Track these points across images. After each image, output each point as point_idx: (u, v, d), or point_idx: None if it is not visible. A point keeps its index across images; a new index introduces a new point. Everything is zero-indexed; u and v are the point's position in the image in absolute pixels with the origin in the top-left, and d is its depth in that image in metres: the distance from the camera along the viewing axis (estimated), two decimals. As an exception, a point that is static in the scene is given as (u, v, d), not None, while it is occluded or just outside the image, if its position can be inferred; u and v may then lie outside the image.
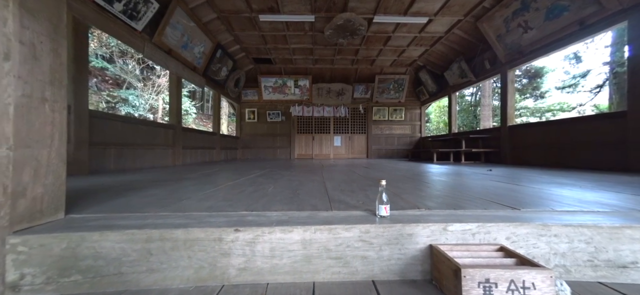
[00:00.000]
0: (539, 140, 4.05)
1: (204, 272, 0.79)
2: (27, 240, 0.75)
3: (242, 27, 5.17)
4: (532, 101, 13.57)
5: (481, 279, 0.65)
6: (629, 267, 0.79)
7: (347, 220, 0.89)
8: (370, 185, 1.74)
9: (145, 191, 1.53)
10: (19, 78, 0.77)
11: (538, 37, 3.83)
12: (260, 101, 8.06)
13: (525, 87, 13.76)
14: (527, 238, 0.83)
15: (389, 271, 0.82)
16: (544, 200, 1.25)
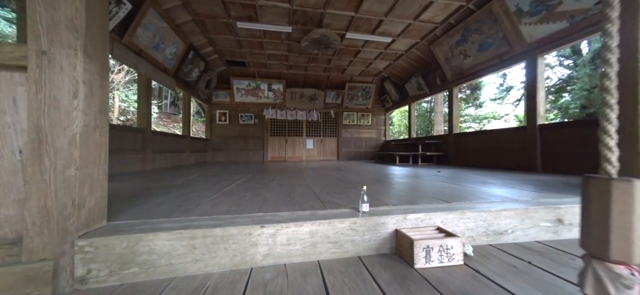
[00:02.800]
0: (476, 145, 5.03)
1: (237, 258, 1.06)
2: (93, 242, 0.93)
3: (217, 31, 5.17)
4: (473, 109, 15.99)
5: (424, 246, 1.07)
6: (503, 234, 1.31)
7: (340, 215, 1.25)
8: (349, 188, 2.14)
9: (150, 199, 1.66)
10: (82, 111, 0.94)
11: (474, 63, 4.78)
12: (232, 103, 7.96)
13: (469, 97, 16.10)
14: (452, 221, 1.30)
15: (369, 249, 1.20)
16: (469, 194, 1.80)
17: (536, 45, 3.59)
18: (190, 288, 0.91)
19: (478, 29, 4.29)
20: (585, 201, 0.57)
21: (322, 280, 0.96)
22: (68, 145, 0.91)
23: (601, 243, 0.54)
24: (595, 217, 0.55)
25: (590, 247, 0.56)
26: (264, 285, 0.92)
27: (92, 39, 0.98)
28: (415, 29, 5.02)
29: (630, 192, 0.51)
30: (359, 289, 0.90)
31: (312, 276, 0.99)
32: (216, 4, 4.20)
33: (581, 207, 0.58)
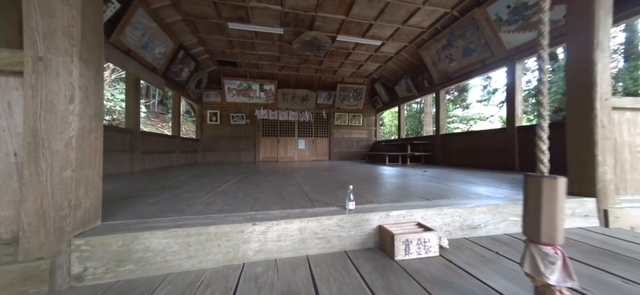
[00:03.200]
0: (461, 146, 5.25)
1: (230, 254, 1.12)
2: (89, 240, 0.97)
3: (208, 31, 5.15)
4: (461, 110, 16.53)
5: (404, 240, 1.17)
6: (477, 228, 1.44)
7: (327, 213, 1.33)
8: (338, 188, 2.23)
9: (146, 199, 1.68)
10: (78, 115, 0.97)
11: (459, 67, 4.99)
12: (224, 103, 7.91)
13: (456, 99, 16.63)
14: (431, 216, 1.41)
15: (355, 243, 1.29)
16: (449, 192, 1.93)
17: (514, 52, 3.81)
18: (185, 282, 0.97)
19: (462, 35, 4.50)
20: (525, 195, 0.68)
21: (309, 273, 1.04)
22: (64, 148, 0.95)
23: (535, 229, 0.65)
24: (531, 208, 0.65)
25: (528, 233, 0.67)
26: (256, 278, 0.99)
27: (87, 46, 1.02)
28: (404, 33, 5.19)
29: (555, 187, 0.62)
30: (343, 279, 0.98)
31: (300, 269, 1.07)
32: (207, 4, 4.19)
33: (523, 201, 0.69)
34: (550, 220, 0.63)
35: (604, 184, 1.54)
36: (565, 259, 0.65)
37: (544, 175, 0.67)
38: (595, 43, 1.55)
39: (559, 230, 0.64)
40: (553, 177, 0.64)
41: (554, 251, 0.65)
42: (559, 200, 0.63)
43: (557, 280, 0.64)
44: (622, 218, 1.52)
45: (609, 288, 0.88)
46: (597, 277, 0.97)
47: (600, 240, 1.34)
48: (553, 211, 0.63)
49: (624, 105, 1.62)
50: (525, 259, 0.69)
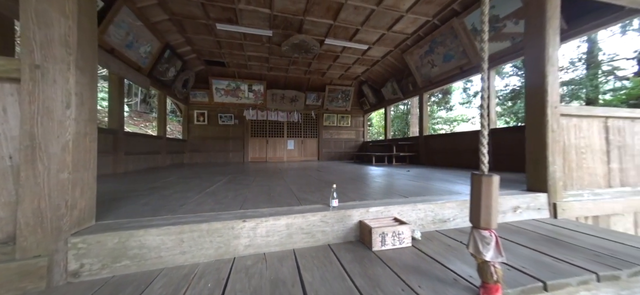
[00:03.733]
0: (443, 147, 5.54)
1: (222, 249, 1.21)
2: (86, 239, 1.03)
3: (196, 31, 5.11)
4: (444, 112, 17.24)
5: (380, 233, 1.31)
6: (447, 221, 1.61)
7: (313, 210, 1.45)
8: (324, 187, 2.35)
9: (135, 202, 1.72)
10: (74, 120, 1.03)
11: (440, 72, 5.28)
12: (211, 103, 7.82)
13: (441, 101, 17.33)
14: (407, 212, 1.56)
15: (338, 238, 1.42)
16: (427, 190, 2.11)
17: (489, 59, 4.11)
18: (180, 275, 1.05)
19: (442, 42, 4.77)
20: (471, 190, 0.83)
21: (295, 264, 1.15)
22: (61, 151, 1.00)
23: (477, 216, 0.80)
24: (475, 200, 0.81)
25: (472, 220, 0.82)
26: (246, 270, 1.09)
27: (83, 54, 1.07)
28: (389, 38, 5.41)
29: (491, 182, 0.78)
30: (325, 268, 1.10)
31: (287, 261, 1.18)
32: (195, 5, 4.18)
33: (470, 194, 0.84)
34: (487, 209, 0.79)
35: (554, 181, 1.77)
36: (497, 240, 0.80)
37: (484, 173, 0.83)
38: (546, 58, 1.77)
39: (493, 217, 0.79)
40: (490, 175, 0.80)
41: (489, 234, 0.81)
42: (493, 193, 0.78)
43: (491, 257, 0.80)
44: (568, 210, 1.76)
45: (542, 266, 1.06)
46: (536, 258, 1.15)
47: (548, 230, 1.55)
48: (489, 202, 0.79)
49: (570, 112, 1.86)
50: (470, 241, 0.84)
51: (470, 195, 0.84)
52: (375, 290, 0.92)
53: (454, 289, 0.92)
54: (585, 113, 1.93)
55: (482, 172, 0.83)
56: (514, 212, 1.73)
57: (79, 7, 1.03)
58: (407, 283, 0.96)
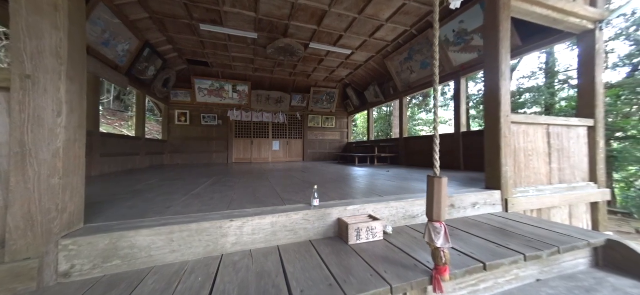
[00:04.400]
0: (421, 148, 5.90)
1: (210, 247, 1.30)
2: (77, 241, 1.07)
3: (178, 31, 5.01)
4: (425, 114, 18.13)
5: (356, 228, 1.47)
6: (416, 217, 1.81)
7: (296, 209, 1.57)
8: (307, 188, 2.49)
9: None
10: (65, 127, 1.07)
11: (418, 78, 5.62)
12: (194, 103, 7.65)
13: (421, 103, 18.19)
14: (380, 209, 1.74)
15: (318, 234, 1.55)
16: (400, 189, 2.31)
17: (460, 69, 4.49)
18: (170, 272, 1.13)
19: (420, 51, 5.10)
20: (427, 189, 1.01)
21: (279, 258, 1.27)
22: (52, 157, 1.04)
23: (430, 211, 0.98)
24: (429, 197, 0.99)
25: (428, 215, 1.00)
26: (234, 265, 1.19)
27: (73, 63, 1.11)
28: (371, 44, 5.66)
29: (441, 183, 0.96)
30: (306, 261, 1.24)
31: (272, 256, 1.30)
32: (177, 5, 4.13)
33: (427, 193, 1.02)
34: (438, 205, 0.97)
35: (506, 180, 2.04)
36: (446, 230, 0.99)
37: (436, 175, 1.01)
38: (500, 73, 2.05)
39: (443, 211, 0.97)
40: (440, 177, 0.98)
41: (440, 225, 0.99)
42: (443, 192, 0.96)
43: (441, 244, 0.98)
44: (517, 205, 2.04)
45: (486, 251, 1.28)
46: (484, 245, 1.37)
47: (499, 222, 1.81)
48: (439, 199, 0.97)
49: (519, 120, 2.16)
50: (426, 232, 1.02)
51: (427, 194, 1.02)
52: (348, 276, 1.07)
53: (413, 272, 1.10)
54: (532, 121, 2.24)
55: (435, 174, 1.01)
56: (473, 207, 1.98)
57: (70, 19, 1.08)
58: (376, 269, 1.12)
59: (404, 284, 1.03)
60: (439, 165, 1.02)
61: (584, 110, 2.56)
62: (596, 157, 2.44)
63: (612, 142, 5.58)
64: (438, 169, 1.02)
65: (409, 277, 1.07)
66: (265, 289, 0.99)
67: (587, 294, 1.16)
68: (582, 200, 2.35)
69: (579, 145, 2.45)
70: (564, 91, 7.82)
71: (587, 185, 2.43)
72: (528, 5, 2.18)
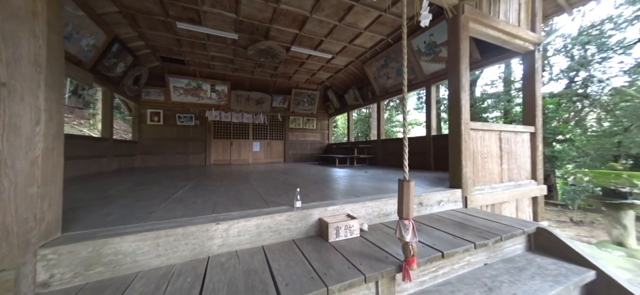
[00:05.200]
0: (396, 150, 6.27)
1: (196, 250, 1.35)
2: (57, 249, 1.06)
3: (152, 27, 4.78)
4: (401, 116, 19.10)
5: (335, 227, 1.61)
6: (389, 215, 2.00)
7: (279, 211, 1.67)
8: (289, 190, 2.58)
9: (89, 212, 1.67)
10: (43, 135, 1.06)
11: (394, 84, 5.98)
12: (168, 102, 7.28)
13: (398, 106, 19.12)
14: (358, 209, 1.90)
15: (301, 233, 1.66)
16: (376, 190, 2.50)
17: (430, 77, 4.89)
18: (157, 275, 1.16)
19: (395, 58, 5.44)
20: (398, 191, 1.17)
21: (265, 257, 1.36)
22: (30, 166, 1.03)
23: (400, 210, 1.14)
24: (400, 198, 1.15)
25: (399, 213, 1.17)
26: (221, 265, 1.26)
27: (51, 71, 1.10)
28: (351, 50, 5.89)
29: (409, 186, 1.13)
30: (289, 258, 1.34)
31: (257, 255, 1.38)
32: (151, 0, 3.95)
33: (398, 195, 1.18)
34: (407, 205, 1.14)
35: (466, 180, 2.33)
36: (413, 226, 1.16)
37: (405, 179, 1.18)
38: (461, 86, 2.33)
39: (411, 210, 1.15)
40: (408, 181, 1.15)
41: (408, 222, 1.16)
42: (411, 193, 1.13)
43: (409, 238, 1.15)
44: (475, 201, 2.34)
45: (446, 242, 1.49)
46: (444, 237, 1.59)
47: (459, 217, 2.07)
48: (408, 200, 1.14)
49: (477, 127, 2.48)
50: (397, 228, 1.19)
51: (398, 195, 1.19)
52: (328, 269, 1.20)
53: (385, 263, 1.26)
54: (487, 128, 2.58)
55: (404, 177, 1.18)
56: (438, 204, 2.23)
57: (49, 25, 1.07)
58: (352, 263, 1.27)
59: (375, 274, 1.18)
60: (407, 170, 1.19)
61: (527, 119, 2.99)
62: (536, 158, 2.88)
63: (554, 144, 6.45)
64: (407, 173, 1.19)
65: (380, 267, 1.23)
66: (253, 284, 1.08)
67: (520, 272, 1.42)
68: (526, 195, 2.75)
69: (524, 149, 2.86)
70: (518, 98, 8.81)
71: (529, 182, 2.85)
72: (483, 28, 2.51)
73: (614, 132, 6.03)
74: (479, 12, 2.51)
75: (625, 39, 6.52)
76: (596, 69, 6.56)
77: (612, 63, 6.55)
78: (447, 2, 2.33)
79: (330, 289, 1.06)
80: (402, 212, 1.19)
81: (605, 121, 6.69)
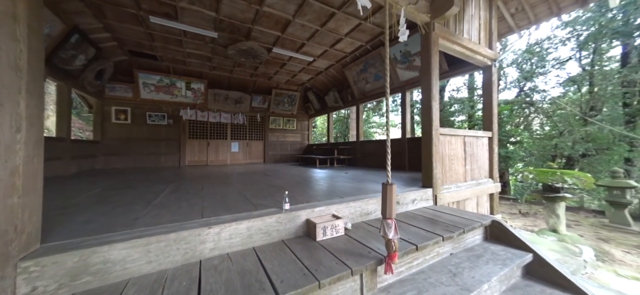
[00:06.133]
0: (374, 151, 6.60)
1: (188, 254, 1.37)
2: (40, 261, 1.02)
3: (120, 19, 4.44)
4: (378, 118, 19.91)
5: (322, 227, 1.72)
6: (370, 214, 2.18)
7: (269, 213, 1.74)
8: (275, 192, 2.64)
9: (62, 220, 1.57)
10: (24, 143, 1.01)
11: (372, 88, 6.29)
12: (137, 99, 6.78)
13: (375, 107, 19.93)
14: (342, 209, 2.04)
15: (290, 234, 1.75)
16: (357, 190, 2.68)
17: (405, 84, 5.26)
18: (150, 281, 1.17)
19: (373, 64, 5.74)
20: (382, 194, 1.32)
21: (257, 257, 1.43)
22: (10, 176, 0.98)
23: (384, 211, 1.30)
24: (383, 200, 1.30)
25: (382, 213, 1.32)
26: (215, 268, 1.30)
27: (32, 76, 1.05)
28: (332, 54, 6.07)
29: (392, 189, 1.29)
30: (281, 257, 1.43)
31: (250, 257, 1.44)
32: (122, -8, 3.69)
33: (381, 197, 1.33)
34: (389, 206, 1.30)
35: (436, 180, 2.61)
36: (395, 225, 1.33)
37: (388, 183, 1.34)
38: (432, 95, 2.61)
39: (393, 211, 1.31)
40: (391, 184, 1.31)
41: (391, 221, 1.32)
42: (393, 196, 1.29)
43: (392, 236, 1.31)
44: (443, 199, 2.64)
45: (419, 236, 1.70)
46: (418, 232, 1.80)
47: (430, 213, 2.33)
48: (391, 201, 1.30)
49: (445, 132, 2.79)
50: (381, 227, 1.34)
51: (381, 197, 1.34)
52: (318, 266, 1.31)
53: (369, 258, 1.41)
54: (453, 133, 2.91)
55: (387, 181, 1.34)
56: (412, 203, 2.47)
57: (29, 29, 1.03)
58: (340, 258, 1.40)
59: (361, 267, 1.33)
60: (390, 174, 1.35)
61: (486, 125, 3.42)
62: (493, 159, 3.31)
63: (508, 145, 7.33)
64: (389, 176, 1.35)
65: (364, 262, 1.37)
66: (249, 283, 1.15)
67: (477, 258, 1.68)
68: (485, 192, 3.16)
69: (483, 151, 3.27)
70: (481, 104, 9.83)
71: (487, 181, 3.27)
72: (450, 44, 2.83)
73: (552, 136, 7.06)
74: (446, 30, 2.82)
75: (560, 56, 7.67)
76: (539, 81, 7.62)
77: (551, 76, 7.66)
78: (420, 20, 2.59)
79: (321, 282, 1.18)
80: (385, 212, 1.35)
81: (546, 126, 7.79)
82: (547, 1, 3.33)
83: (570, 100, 7.73)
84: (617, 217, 5.15)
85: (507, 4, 3.64)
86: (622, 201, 5.10)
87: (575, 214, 6.15)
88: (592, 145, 6.58)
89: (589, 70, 7.32)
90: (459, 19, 3.03)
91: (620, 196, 5.13)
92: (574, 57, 7.71)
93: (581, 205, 6.65)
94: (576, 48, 7.52)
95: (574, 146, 6.55)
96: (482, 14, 3.35)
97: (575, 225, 5.35)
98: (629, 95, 6.64)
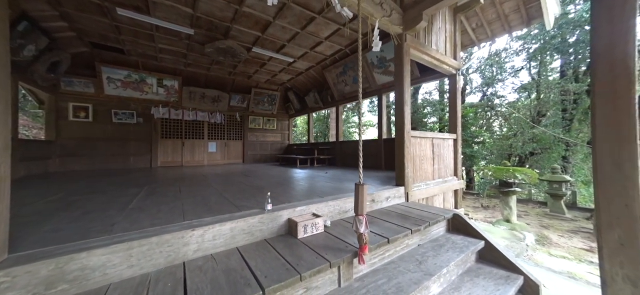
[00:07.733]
0: (353, 151, 6.84)
1: (171, 257, 1.38)
2: (10, 272, 0.99)
3: (80, 8, 4.08)
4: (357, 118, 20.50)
5: (303, 225, 1.83)
6: (348, 212, 2.33)
7: (251, 214, 1.80)
8: (257, 193, 2.68)
9: (25, 229, 1.47)
10: (-8, 149, 0.97)
11: (351, 90, 6.52)
12: (101, 96, 6.25)
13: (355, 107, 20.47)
14: (322, 208, 2.16)
15: (272, 233, 1.83)
16: (336, 190, 2.82)
17: (381, 87, 5.56)
18: (133, 285, 1.18)
19: (353, 67, 5.96)
20: (354, 193, 1.47)
21: (241, 256, 1.49)
22: (-24, 183, 0.93)
23: (356, 208, 1.44)
24: (355, 198, 1.45)
25: (355, 210, 1.47)
26: (199, 268, 1.34)
27: None
28: (312, 56, 6.17)
29: (363, 189, 1.43)
30: (264, 255, 1.50)
31: (234, 256, 1.50)
32: (86, -20, 3.41)
33: (354, 196, 1.48)
34: (361, 203, 1.44)
35: (407, 178, 2.86)
36: (366, 220, 1.48)
37: (360, 183, 1.48)
38: (404, 100, 2.85)
39: (364, 208, 1.45)
40: (363, 184, 1.46)
41: (362, 217, 1.47)
42: (364, 194, 1.44)
43: (363, 230, 1.46)
44: (414, 196, 2.90)
45: (391, 231, 1.89)
46: (390, 227, 1.99)
47: (402, 209, 2.55)
48: (362, 199, 1.44)
49: (415, 135, 3.06)
50: (353, 223, 1.49)
51: (354, 196, 1.48)
52: (300, 261, 1.42)
53: (346, 252, 1.55)
54: (423, 135, 3.20)
55: (360, 181, 1.49)
56: (386, 200, 2.68)
57: (-2, 29, 0.99)
58: (319, 253, 1.52)
59: (338, 260, 1.46)
60: (362, 175, 1.50)
61: (452, 128, 3.80)
62: (457, 159, 3.69)
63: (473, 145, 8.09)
64: (361, 177, 1.50)
65: (341, 255, 1.51)
66: (234, 280, 1.22)
67: (440, 247, 1.92)
68: (450, 189, 3.51)
69: (449, 152, 3.64)
70: (448, 107, 10.70)
71: (452, 178, 3.64)
72: (420, 54, 3.11)
73: (508, 136, 7.96)
74: (417, 41, 3.09)
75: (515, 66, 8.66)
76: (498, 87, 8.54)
77: (508, 83, 8.63)
78: (393, 31, 2.80)
79: (303, 275, 1.29)
80: (357, 209, 1.50)
81: (504, 127, 8.75)
82: (500, 19, 3.79)
83: (523, 105, 8.82)
84: (556, 206, 6.01)
85: (469, 20, 4.06)
86: (559, 193, 5.97)
87: (525, 206, 7.04)
88: (537, 146, 7.59)
89: (537, 80, 8.42)
90: (428, 31, 3.33)
91: (558, 189, 5.99)
92: (525, 67, 8.80)
93: (530, 198, 7.62)
94: (527, 59, 8.59)
95: (523, 146, 7.50)
96: (448, 28, 3.70)
97: (524, 215, 6.13)
98: (566, 102, 7.77)
